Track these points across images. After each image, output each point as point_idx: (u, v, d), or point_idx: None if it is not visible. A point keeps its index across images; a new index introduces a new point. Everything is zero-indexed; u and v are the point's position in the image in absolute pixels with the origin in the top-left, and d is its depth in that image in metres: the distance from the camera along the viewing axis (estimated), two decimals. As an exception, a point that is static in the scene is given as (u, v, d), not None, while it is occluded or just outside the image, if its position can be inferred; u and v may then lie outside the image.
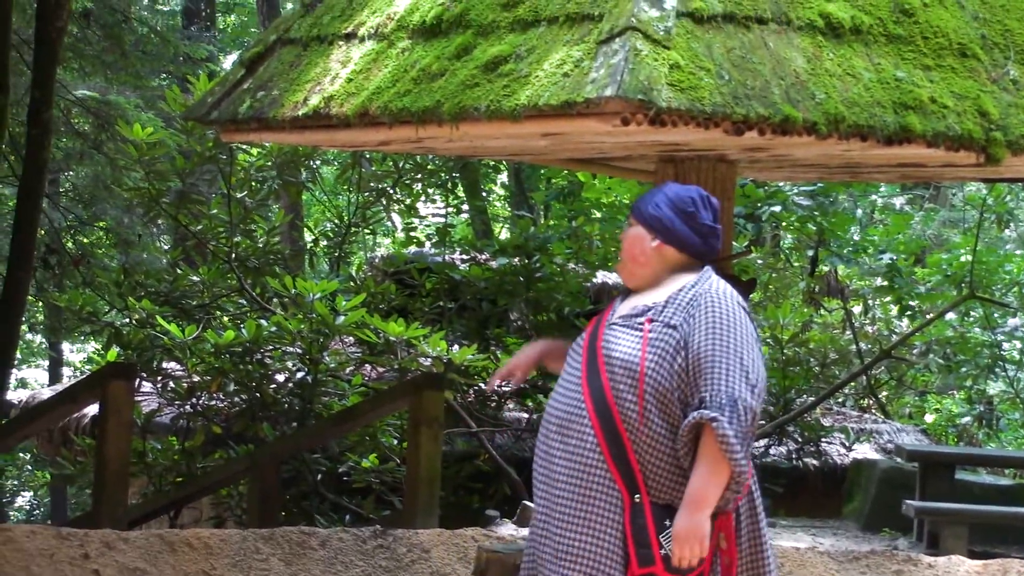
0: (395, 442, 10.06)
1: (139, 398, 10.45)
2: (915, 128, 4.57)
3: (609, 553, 4.14)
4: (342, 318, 9.85)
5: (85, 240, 17.70)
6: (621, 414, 4.13)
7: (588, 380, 4.21)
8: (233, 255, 11.20)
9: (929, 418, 16.92)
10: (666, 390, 4.12)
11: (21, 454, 22.99)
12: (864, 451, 12.84)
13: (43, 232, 14.74)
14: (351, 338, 10.73)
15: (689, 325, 4.14)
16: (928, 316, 14.41)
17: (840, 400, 15.11)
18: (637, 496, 4.11)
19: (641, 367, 4.13)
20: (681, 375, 4.12)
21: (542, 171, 17.88)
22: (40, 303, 19.26)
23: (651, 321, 4.19)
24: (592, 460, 4.16)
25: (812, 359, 13.45)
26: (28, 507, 25.86)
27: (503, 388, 11.63)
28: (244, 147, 11.27)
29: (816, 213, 13.10)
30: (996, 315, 15.12)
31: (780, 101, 4.36)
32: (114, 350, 10.49)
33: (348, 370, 10.72)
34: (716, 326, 4.13)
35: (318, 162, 12.63)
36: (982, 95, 4.79)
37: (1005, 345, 15.67)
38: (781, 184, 12.69)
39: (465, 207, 17.10)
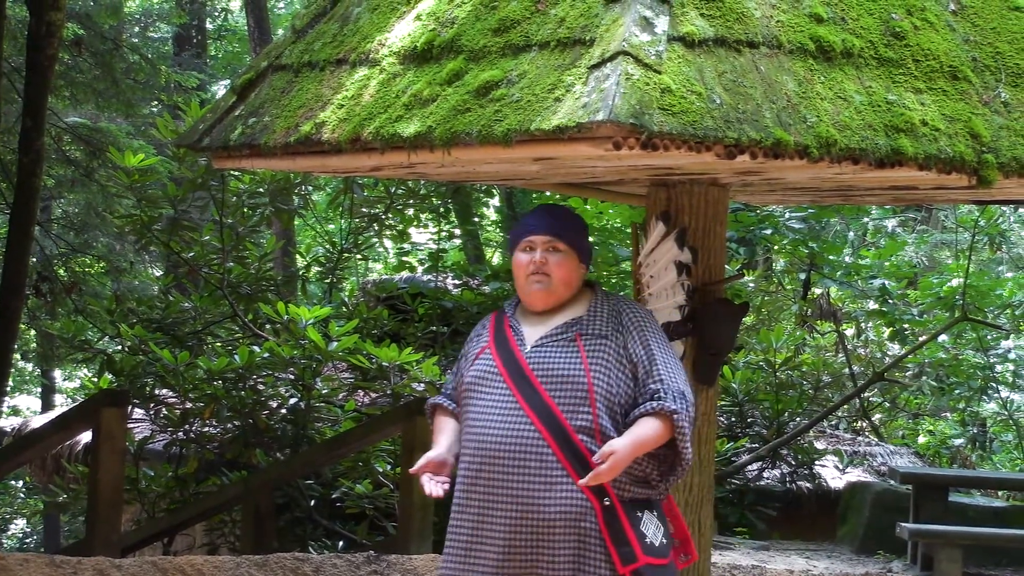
0: (389, 468, 10.04)
1: (132, 425, 10.44)
2: (907, 151, 4.57)
3: (593, 561, 4.18)
4: (335, 344, 9.85)
5: (77, 268, 17.68)
6: (574, 427, 4.21)
7: (528, 403, 4.26)
8: (225, 282, 11.20)
9: (922, 440, 16.91)
10: (614, 396, 4.25)
11: (14, 482, 22.95)
12: (858, 474, 12.84)
13: (35, 260, 14.73)
14: (344, 364, 10.72)
15: (621, 334, 4.34)
16: (921, 338, 14.42)
17: (833, 423, 15.11)
18: (606, 500, 4.20)
19: (588, 380, 4.24)
20: (628, 380, 4.28)
21: (534, 196, 17.92)
22: (32, 331, 19.24)
23: (581, 336, 4.33)
24: (556, 477, 4.20)
25: (805, 382, 13.46)
26: (21, 535, 25.79)
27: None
28: (236, 174, 11.27)
29: (807, 237, 13.11)
30: (989, 337, 15.13)
31: (772, 125, 4.36)
32: (106, 377, 10.49)
33: (341, 396, 10.70)
34: (647, 329, 4.38)
35: (310, 188, 12.62)
36: (973, 117, 4.79)
37: (998, 367, 15.68)
38: (773, 208, 12.70)
39: (457, 232, 17.10)
